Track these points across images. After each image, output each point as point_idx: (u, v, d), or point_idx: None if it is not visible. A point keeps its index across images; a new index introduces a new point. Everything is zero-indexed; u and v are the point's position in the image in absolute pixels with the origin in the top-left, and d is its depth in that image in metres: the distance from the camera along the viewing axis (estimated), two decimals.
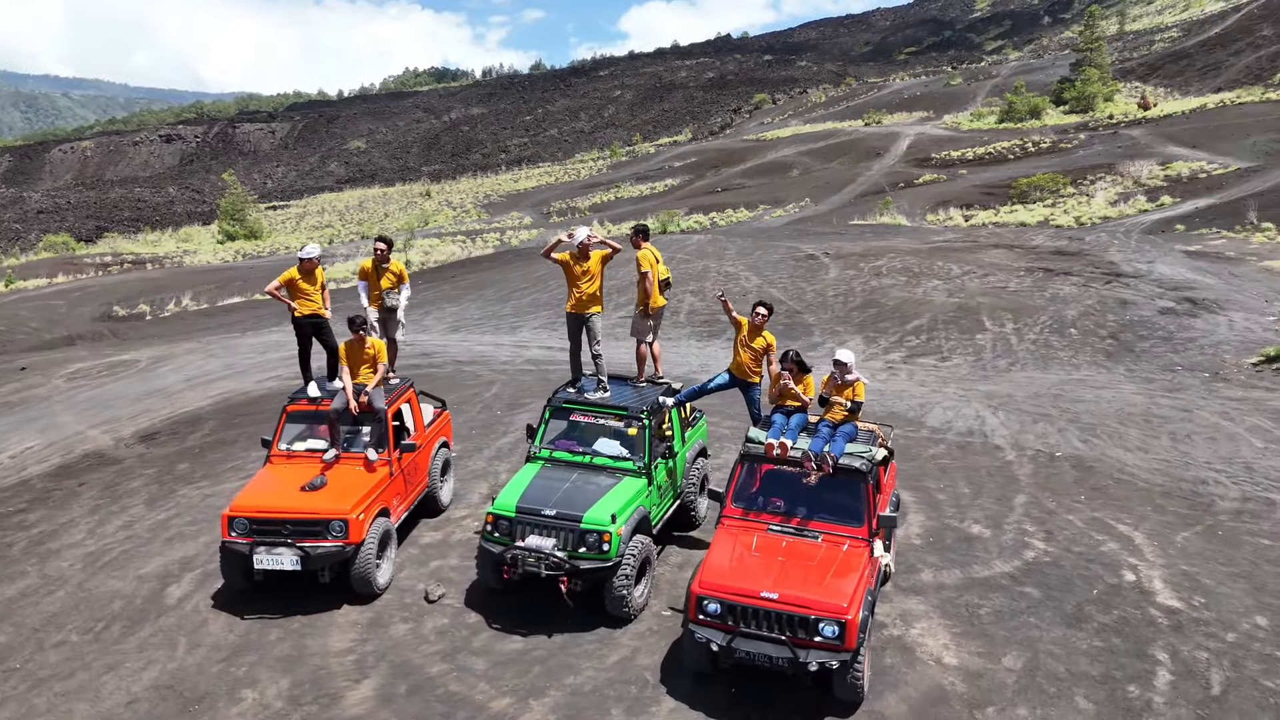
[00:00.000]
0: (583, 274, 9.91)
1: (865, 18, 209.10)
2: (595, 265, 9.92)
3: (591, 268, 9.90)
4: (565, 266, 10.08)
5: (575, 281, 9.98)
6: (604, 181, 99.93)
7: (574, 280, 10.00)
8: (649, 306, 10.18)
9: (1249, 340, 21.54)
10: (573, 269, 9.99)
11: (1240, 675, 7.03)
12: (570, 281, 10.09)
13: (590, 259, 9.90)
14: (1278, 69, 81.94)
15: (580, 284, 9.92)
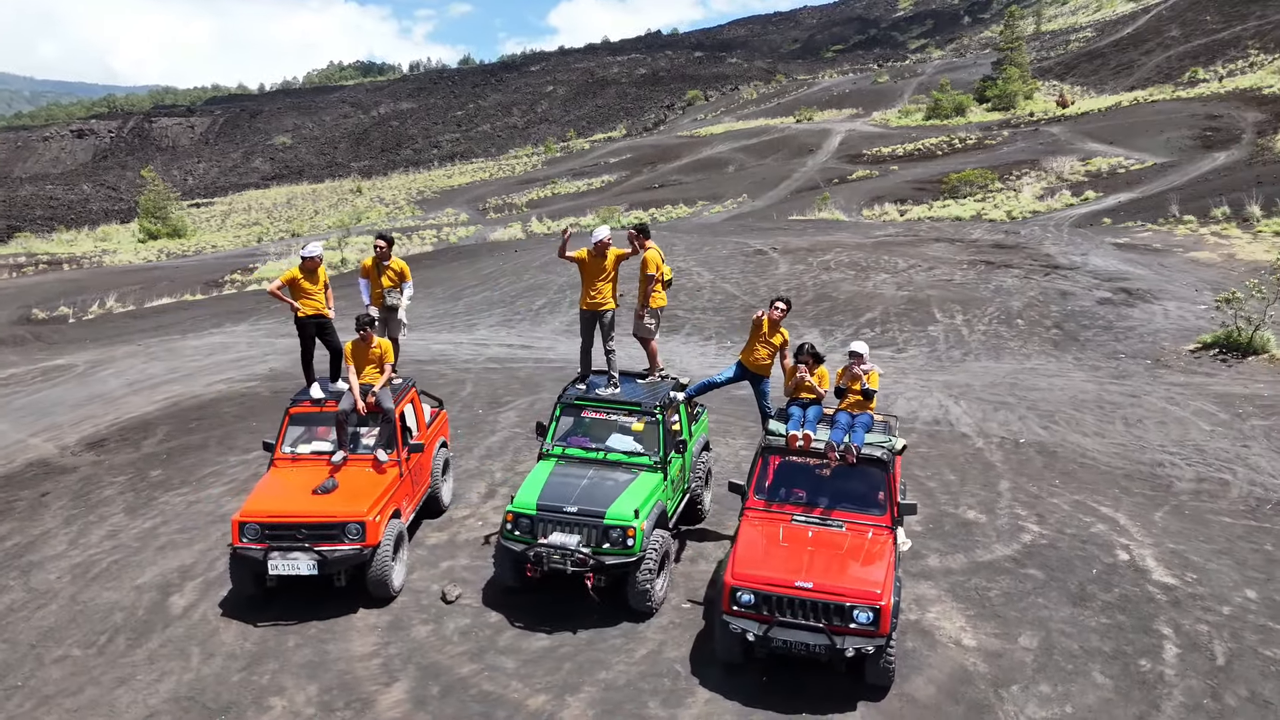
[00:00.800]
0: (598, 272, 9.89)
1: (793, 15, 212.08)
2: (610, 264, 9.91)
3: (607, 265, 9.89)
4: (581, 264, 10.06)
5: (591, 279, 9.96)
6: (540, 177, 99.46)
7: (589, 278, 9.98)
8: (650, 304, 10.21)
9: (1184, 328, 22.57)
10: (588, 266, 9.97)
11: (1241, 646, 7.46)
12: (586, 279, 10.06)
13: (607, 257, 9.88)
14: (1186, 68, 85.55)
15: (596, 281, 9.91)
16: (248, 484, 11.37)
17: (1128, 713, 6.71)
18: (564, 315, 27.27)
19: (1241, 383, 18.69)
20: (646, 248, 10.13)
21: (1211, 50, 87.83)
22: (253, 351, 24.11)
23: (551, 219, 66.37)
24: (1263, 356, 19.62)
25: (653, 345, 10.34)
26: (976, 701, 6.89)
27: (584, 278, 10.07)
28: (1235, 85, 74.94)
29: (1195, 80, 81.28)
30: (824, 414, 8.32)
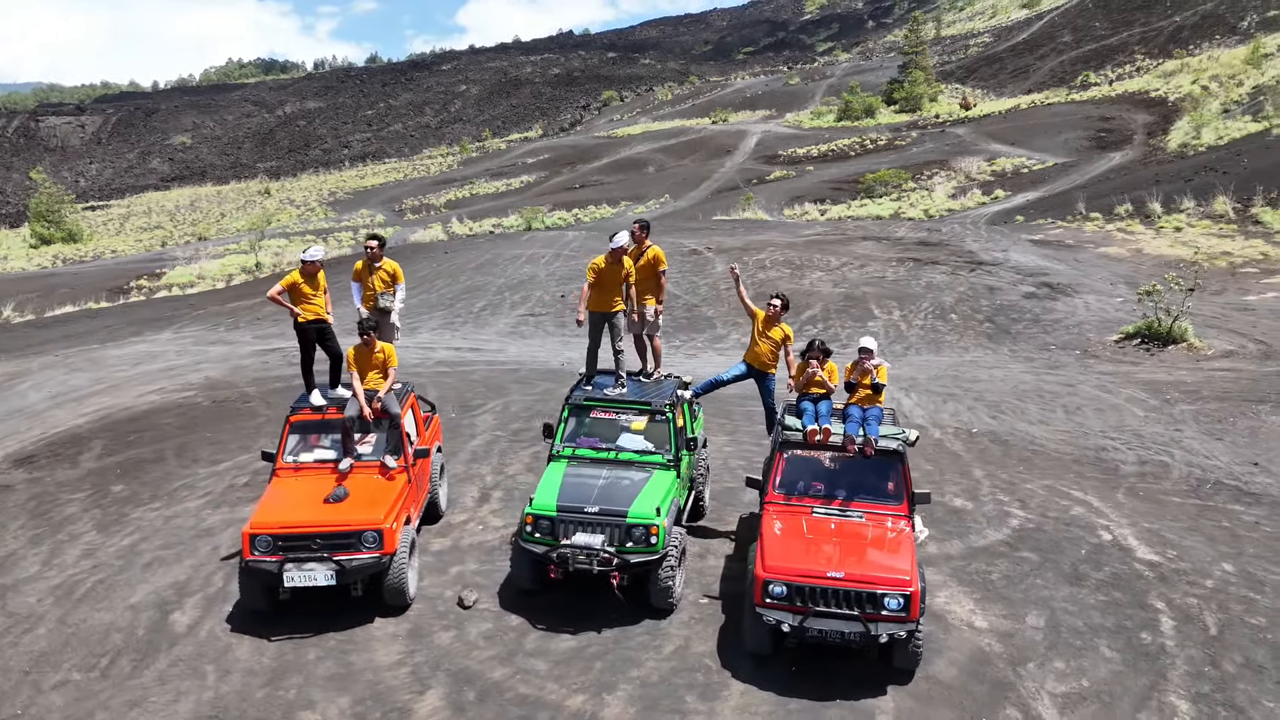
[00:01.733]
0: (615, 279, 9.74)
1: (703, 17, 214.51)
2: (624, 273, 9.75)
3: (621, 275, 9.73)
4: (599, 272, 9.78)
5: (605, 284, 9.77)
6: (457, 178, 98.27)
7: (604, 285, 9.76)
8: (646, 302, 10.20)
9: (1105, 320, 23.80)
10: (605, 276, 9.71)
11: (1229, 616, 7.99)
12: (599, 286, 9.82)
13: (624, 265, 9.74)
14: (1079, 72, 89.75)
15: (608, 284, 9.76)
16: (226, 496, 11.02)
17: (1138, 683, 7.13)
18: (506, 317, 27.11)
19: (1165, 370, 19.84)
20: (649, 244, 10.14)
21: (1101, 55, 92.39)
22: (183, 360, 23.25)
23: (473, 219, 65.68)
24: (1182, 345, 20.85)
25: (658, 342, 10.42)
26: (998, 680, 7.22)
27: (598, 284, 9.83)
28: (1124, 88, 79.06)
29: (1087, 84, 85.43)
30: (834, 408, 8.56)
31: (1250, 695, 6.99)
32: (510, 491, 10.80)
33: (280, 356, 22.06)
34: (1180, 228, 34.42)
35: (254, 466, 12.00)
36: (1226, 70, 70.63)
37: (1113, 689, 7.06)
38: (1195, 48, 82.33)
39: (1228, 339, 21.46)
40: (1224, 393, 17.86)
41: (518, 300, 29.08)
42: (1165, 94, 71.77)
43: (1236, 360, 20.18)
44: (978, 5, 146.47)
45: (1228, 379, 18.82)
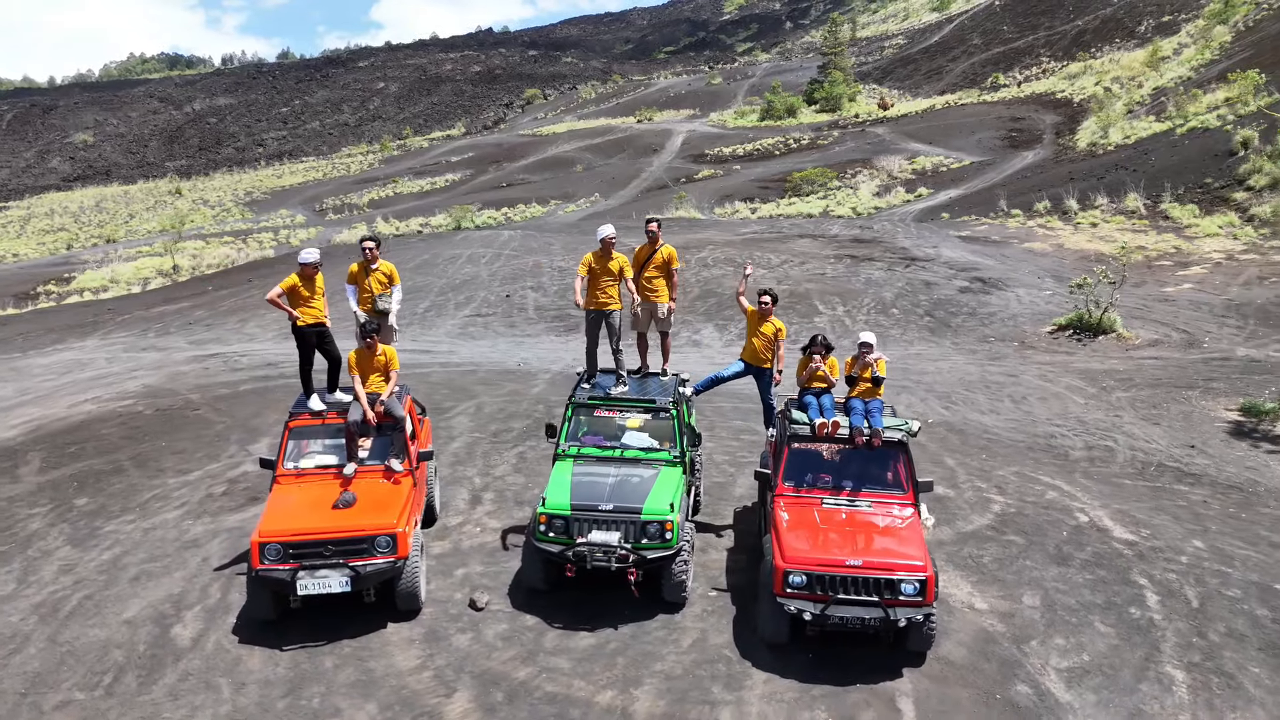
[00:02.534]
0: (605, 272, 9.86)
1: (624, 16, 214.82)
2: (616, 268, 9.88)
3: (613, 267, 9.86)
4: (590, 271, 9.92)
5: (597, 280, 9.88)
6: (379, 176, 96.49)
7: (595, 279, 9.89)
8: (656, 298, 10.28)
9: (1037, 312, 24.82)
10: (595, 269, 9.87)
11: (1207, 589, 8.51)
12: (593, 281, 9.94)
13: (613, 257, 9.86)
14: (989, 74, 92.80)
15: (603, 282, 9.87)
16: (205, 506, 10.72)
17: (1135, 656, 7.55)
18: (452, 318, 26.82)
19: (1098, 359, 20.82)
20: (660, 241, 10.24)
21: (1009, 57, 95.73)
22: (115, 368, 22.43)
23: (399, 219, 64.71)
24: (1111, 336, 21.91)
25: (668, 340, 10.55)
26: (1005, 658, 7.55)
27: (591, 278, 9.99)
28: (1032, 90, 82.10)
29: (997, 85, 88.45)
30: (835, 401, 8.80)
31: (1237, 662, 7.48)
32: (501, 493, 10.77)
33: (221, 362, 21.46)
34: (1096, 223, 36.04)
35: (229, 475, 11.71)
36: (1127, 72, 74.01)
37: (1112, 662, 7.46)
38: (1097, 51, 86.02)
39: (1152, 329, 22.63)
40: (1155, 380, 18.85)
41: (462, 301, 28.80)
42: (1071, 95, 74.85)
43: (1162, 349, 21.31)
44: (890, 8, 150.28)
45: (1157, 367, 19.87)
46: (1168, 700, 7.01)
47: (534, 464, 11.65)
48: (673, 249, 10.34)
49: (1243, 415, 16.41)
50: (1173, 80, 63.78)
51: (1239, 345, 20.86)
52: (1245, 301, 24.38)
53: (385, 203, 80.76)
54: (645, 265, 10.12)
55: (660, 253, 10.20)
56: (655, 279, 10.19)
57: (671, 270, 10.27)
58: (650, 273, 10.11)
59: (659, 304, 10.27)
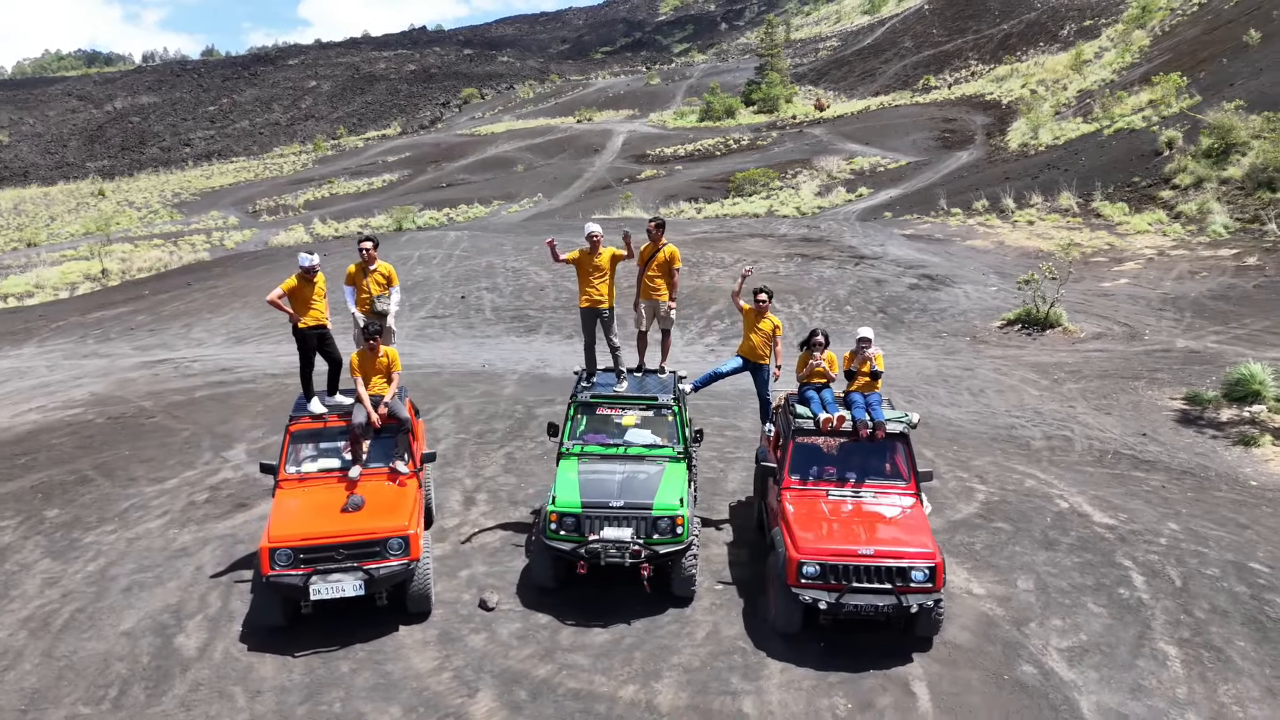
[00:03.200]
0: (594, 270, 9.98)
1: (560, 16, 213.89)
2: (606, 261, 10.02)
3: (603, 264, 9.99)
4: (577, 264, 10.10)
5: (588, 277, 10.03)
6: (314, 177, 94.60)
7: (586, 275, 10.05)
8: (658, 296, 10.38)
9: (985, 308, 25.56)
10: (584, 264, 10.03)
11: (1188, 569, 8.93)
12: (583, 278, 10.11)
13: (601, 255, 9.98)
14: (920, 76, 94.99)
15: (593, 280, 9.99)
16: (189, 514, 10.46)
17: (1129, 634, 7.90)
18: (408, 320, 26.46)
19: (1047, 353, 21.55)
20: (663, 241, 10.35)
21: (939, 60, 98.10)
22: (57, 375, 21.72)
23: (336, 220, 63.58)
24: (1058, 330, 22.70)
25: (669, 338, 10.65)
26: (1008, 640, 7.83)
27: (580, 276, 10.13)
28: (962, 92, 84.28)
29: (929, 87, 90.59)
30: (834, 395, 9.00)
31: (1224, 636, 7.88)
32: (494, 494, 10.74)
33: (171, 368, 20.94)
34: (1033, 221, 37.23)
35: (209, 483, 11.45)
36: (1052, 75, 76.51)
37: (1109, 640, 7.79)
38: (1023, 54, 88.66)
39: (1095, 323, 23.51)
40: (1103, 371, 19.59)
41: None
42: (999, 97, 77.04)
43: (1106, 341, 22.15)
44: (823, 10, 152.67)
45: (1103, 359, 20.64)
46: (1164, 675, 7.36)
47: (523, 464, 11.64)
48: (674, 248, 10.46)
49: (1187, 404, 17.14)
50: (1096, 83, 66.15)
51: (1178, 337, 21.78)
52: (1180, 295, 25.46)
53: (322, 204, 79.24)
54: (648, 264, 10.22)
55: (662, 252, 10.32)
56: (657, 278, 10.31)
57: (673, 269, 10.38)
58: (652, 271, 10.23)
59: (660, 302, 10.38)
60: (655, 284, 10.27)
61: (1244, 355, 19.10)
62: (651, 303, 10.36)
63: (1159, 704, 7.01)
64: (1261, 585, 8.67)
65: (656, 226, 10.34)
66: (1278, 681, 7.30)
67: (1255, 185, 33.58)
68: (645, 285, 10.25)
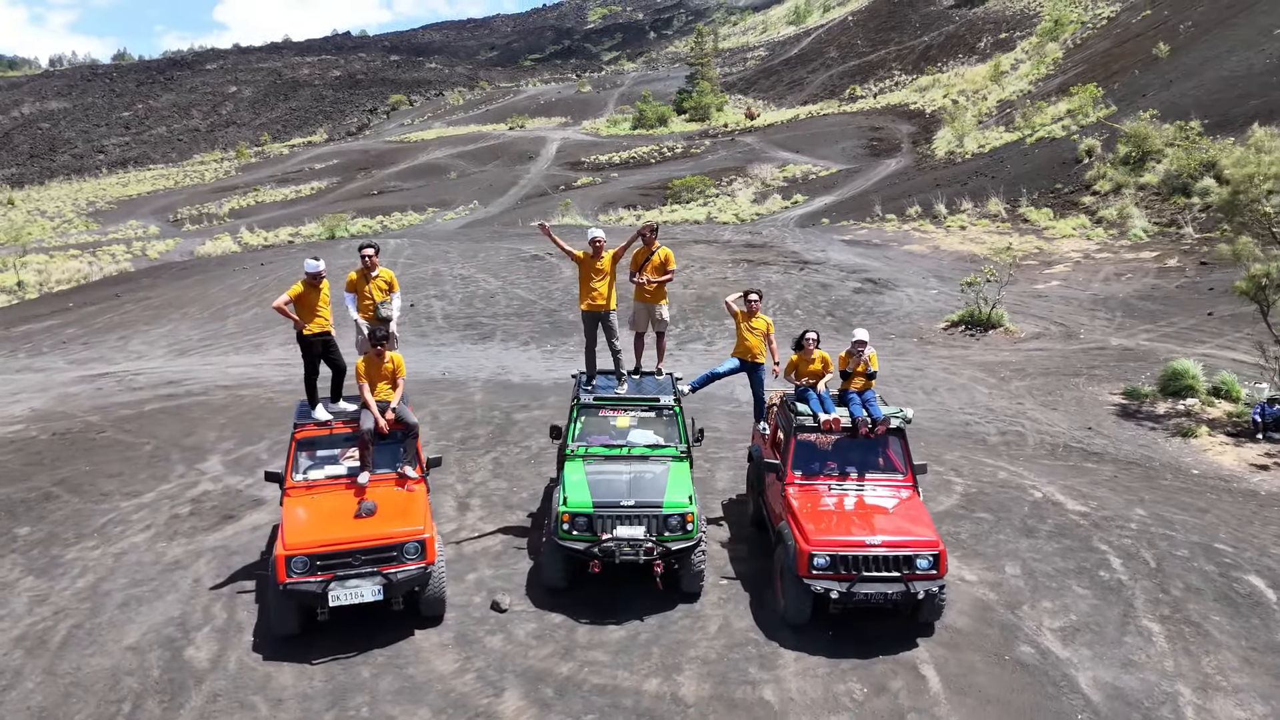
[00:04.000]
0: (596, 273, 10.07)
1: (487, 23, 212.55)
2: (608, 264, 10.14)
3: (604, 266, 10.10)
4: (580, 263, 10.17)
5: (590, 280, 10.10)
6: (238, 184, 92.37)
7: (588, 279, 10.12)
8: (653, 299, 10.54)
9: (928, 310, 26.40)
10: (586, 265, 10.11)
11: (1160, 551, 9.47)
12: (584, 281, 10.18)
13: (604, 258, 10.10)
14: (846, 85, 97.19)
15: (594, 282, 10.08)
16: (175, 528, 10.24)
17: (1114, 613, 8.37)
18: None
19: (991, 352, 22.38)
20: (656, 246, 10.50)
21: (864, 70, 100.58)
22: None
23: (265, 229, 62.27)
24: (1000, 330, 23.60)
25: (664, 341, 10.80)
26: (1004, 623, 8.22)
27: (582, 277, 10.22)
28: (887, 101, 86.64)
29: (855, 96, 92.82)
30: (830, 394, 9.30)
31: (1200, 613, 8.40)
32: (488, 498, 10.77)
33: (114, 382, 20.34)
34: (965, 226, 38.55)
35: (189, 496, 11.21)
36: (972, 85, 79.22)
37: (1097, 620, 8.25)
38: (944, 65, 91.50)
39: (1033, 323, 24.49)
40: (1045, 369, 20.44)
41: None
42: (923, 106, 79.40)
43: (1045, 341, 23.11)
44: (750, 20, 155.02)
45: (1044, 357, 21.54)
46: (1151, 650, 7.83)
47: (511, 469, 11.68)
48: (669, 251, 10.65)
49: (1126, 399, 18.01)
50: (1014, 93, 68.74)
51: (1111, 336, 22.85)
52: (1109, 296, 26.69)
53: (247, 212, 77.44)
54: (642, 268, 10.38)
55: (656, 255, 10.49)
56: (652, 281, 10.47)
57: (668, 270, 10.56)
58: (648, 275, 10.39)
59: (656, 305, 10.55)
60: (651, 287, 10.44)
61: (1174, 352, 20.15)
62: (647, 306, 10.53)
63: (1150, 677, 7.46)
64: (1228, 564, 9.26)
65: (651, 231, 10.52)
66: (1254, 652, 7.84)
67: (1170, 191, 35.37)
68: (641, 289, 10.43)
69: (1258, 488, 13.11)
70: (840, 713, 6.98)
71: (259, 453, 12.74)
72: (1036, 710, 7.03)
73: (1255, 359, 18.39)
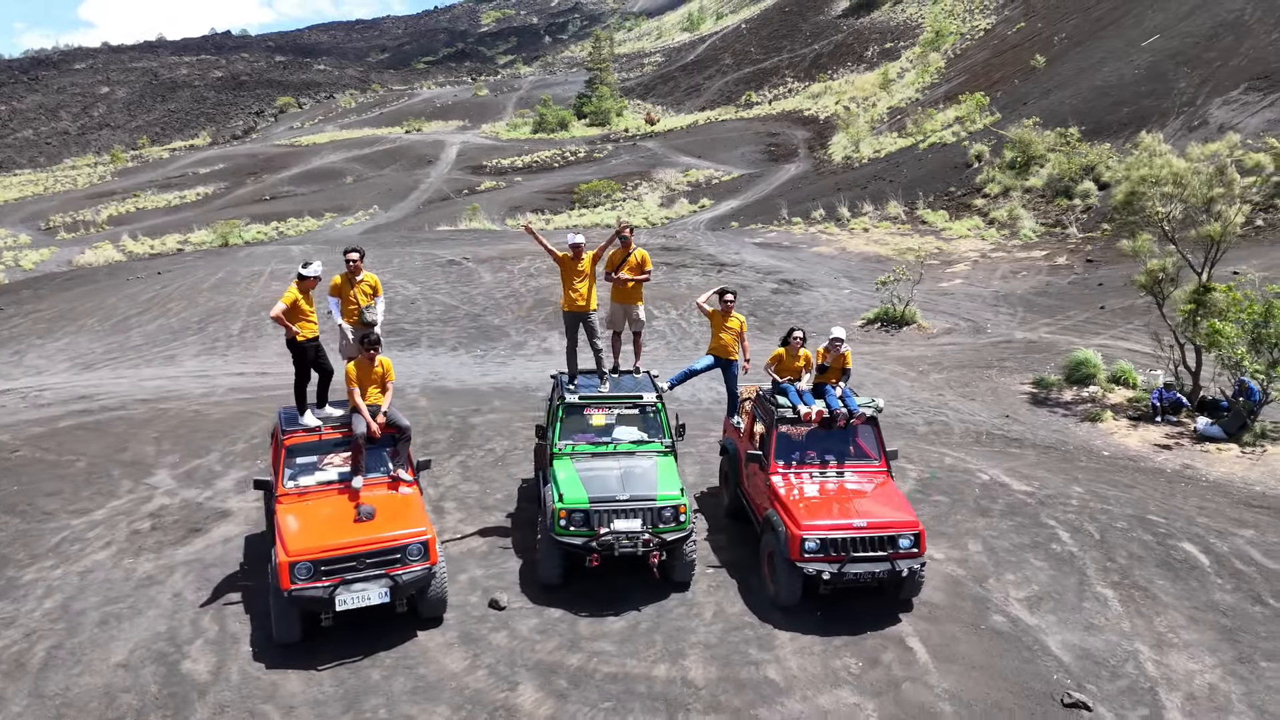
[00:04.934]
0: (577, 275, 10.23)
1: (377, 24, 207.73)
2: (588, 266, 10.31)
3: (585, 268, 10.27)
4: (561, 264, 10.31)
5: (571, 282, 10.25)
6: (115, 190, 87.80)
7: (570, 281, 10.26)
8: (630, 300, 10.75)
9: (843, 309, 27.40)
10: (567, 267, 10.25)
11: (1102, 524, 10.24)
12: (566, 282, 10.32)
13: (583, 260, 10.26)
14: (742, 92, 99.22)
15: (576, 284, 10.23)
16: (138, 543, 9.88)
17: (1071, 581, 9.05)
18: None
19: (907, 347, 23.44)
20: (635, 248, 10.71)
21: (759, 77, 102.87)
22: None
23: (149, 236, 59.51)
24: (913, 326, 24.72)
25: (640, 339, 11.03)
26: (975, 596, 8.79)
27: (564, 278, 10.37)
28: (782, 107, 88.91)
29: (751, 103, 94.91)
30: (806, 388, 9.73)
31: (1146, 578, 9.17)
32: (462, 500, 10.79)
33: (19, 399, 19.34)
34: (868, 228, 40.07)
35: (146, 510, 10.82)
36: (863, 93, 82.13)
37: (1056, 589, 8.91)
38: (834, 73, 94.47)
39: (943, 319, 25.74)
40: (959, 363, 21.57)
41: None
42: (817, 113, 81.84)
43: (956, 336, 24.34)
44: (644, 25, 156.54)
45: (957, 351, 22.71)
46: (1108, 614, 8.52)
47: (479, 471, 11.72)
48: (645, 252, 10.90)
49: (1035, 387, 19.19)
50: (903, 100, 71.68)
51: (1015, 329, 24.24)
52: (1009, 292, 28.27)
53: (128, 219, 73.76)
54: (620, 268, 10.61)
55: (634, 256, 10.73)
56: (630, 281, 10.70)
57: (645, 271, 10.82)
58: (625, 275, 10.62)
59: (633, 305, 10.78)
60: (628, 287, 10.68)
61: (1074, 343, 21.54)
62: (624, 306, 10.76)
63: (1112, 638, 8.14)
64: (1163, 533, 10.12)
65: (630, 232, 10.78)
66: (1197, 611, 8.63)
67: (1054, 193, 37.68)
68: (618, 289, 10.66)
69: (1163, 466, 14.25)
70: (841, 686, 7.38)
71: (210, 464, 12.39)
72: (1018, 673, 7.60)
73: (1147, 348, 19.86)
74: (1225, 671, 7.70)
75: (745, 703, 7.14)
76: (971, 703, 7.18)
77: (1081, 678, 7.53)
